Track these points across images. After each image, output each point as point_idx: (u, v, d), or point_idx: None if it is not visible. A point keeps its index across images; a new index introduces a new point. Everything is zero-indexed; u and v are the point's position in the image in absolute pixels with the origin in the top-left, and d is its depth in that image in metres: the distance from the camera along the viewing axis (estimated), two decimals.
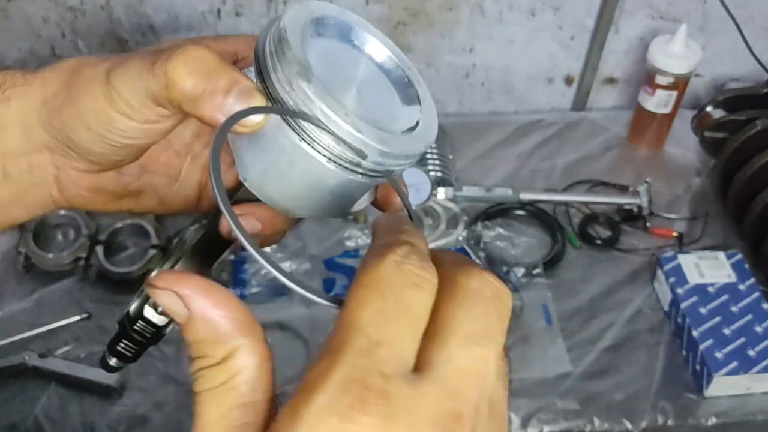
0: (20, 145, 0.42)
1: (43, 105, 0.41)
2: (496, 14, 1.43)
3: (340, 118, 0.35)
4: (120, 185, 0.45)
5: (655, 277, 1.24)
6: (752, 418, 1.11)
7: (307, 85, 0.35)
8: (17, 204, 0.44)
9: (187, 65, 0.37)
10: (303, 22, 0.38)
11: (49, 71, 0.42)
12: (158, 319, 0.46)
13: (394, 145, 0.37)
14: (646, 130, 1.46)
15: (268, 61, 0.37)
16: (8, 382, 1.09)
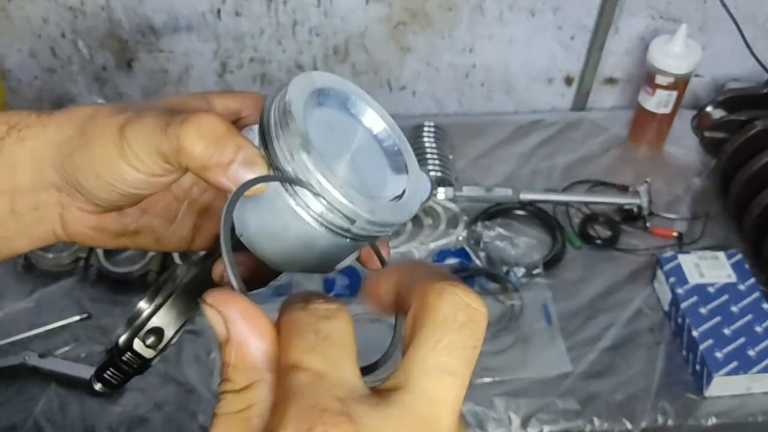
0: (30, 183, 0.44)
1: (56, 148, 0.43)
2: (496, 14, 1.43)
3: (335, 189, 0.39)
4: (120, 225, 0.48)
5: (655, 277, 1.24)
6: (752, 418, 1.11)
7: (307, 157, 0.39)
8: (22, 237, 0.47)
9: (199, 132, 0.39)
10: (307, 92, 0.42)
11: (64, 115, 0.44)
12: (147, 352, 0.47)
13: (381, 215, 0.40)
14: (646, 130, 1.46)
15: (272, 131, 0.40)
16: (8, 382, 1.09)
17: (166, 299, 0.47)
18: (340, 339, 0.29)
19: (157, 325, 0.47)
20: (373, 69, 1.49)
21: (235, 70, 1.47)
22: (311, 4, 1.38)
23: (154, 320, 0.47)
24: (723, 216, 1.36)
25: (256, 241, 0.42)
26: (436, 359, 0.29)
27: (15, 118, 0.44)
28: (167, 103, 0.44)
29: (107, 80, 1.47)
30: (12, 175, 0.44)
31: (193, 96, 0.46)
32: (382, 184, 0.44)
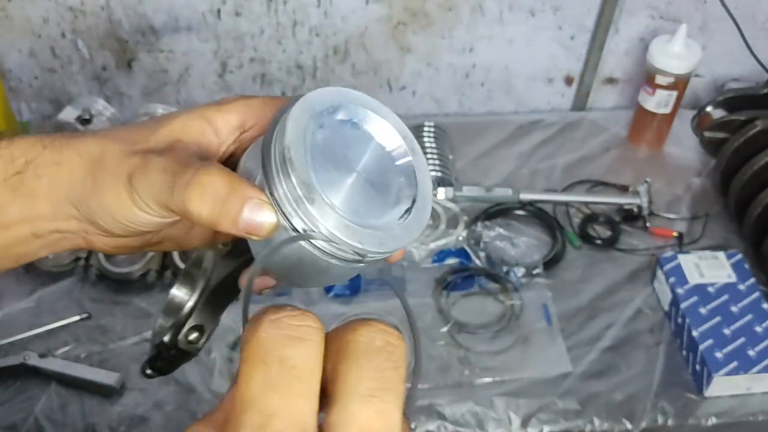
0: (50, 213, 0.46)
1: (70, 187, 0.45)
2: (496, 14, 1.43)
3: (342, 235, 0.40)
4: (143, 241, 0.50)
5: (655, 277, 1.24)
6: (752, 418, 1.11)
7: (311, 208, 0.39)
8: (44, 249, 0.49)
9: (202, 197, 0.41)
10: (306, 122, 0.41)
11: (73, 153, 0.46)
12: (190, 348, 0.51)
13: (390, 244, 0.42)
14: (646, 130, 1.46)
15: (274, 177, 0.40)
16: (8, 382, 1.09)
17: (200, 296, 0.50)
18: (306, 370, 0.29)
19: (198, 323, 0.50)
20: (373, 69, 1.49)
21: (235, 70, 1.47)
22: (311, 4, 1.38)
23: (194, 318, 0.50)
24: (723, 216, 1.36)
25: (275, 270, 0.44)
26: (360, 387, 0.29)
27: (31, 151, 0.46)
28: (169, 130, 0.45)
29: (107, 80, 1.47)
30: (32, 206, 0.46)
31: (194, 116, 0.46)
32: (391, 201, 0.44)
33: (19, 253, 0.49)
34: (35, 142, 0.46)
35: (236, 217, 0.40)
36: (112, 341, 1.14)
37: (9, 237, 0.47)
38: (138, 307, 1.18)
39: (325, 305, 1.19)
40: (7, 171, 0.46)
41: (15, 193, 0.46)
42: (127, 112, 1.44)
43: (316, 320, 0.30)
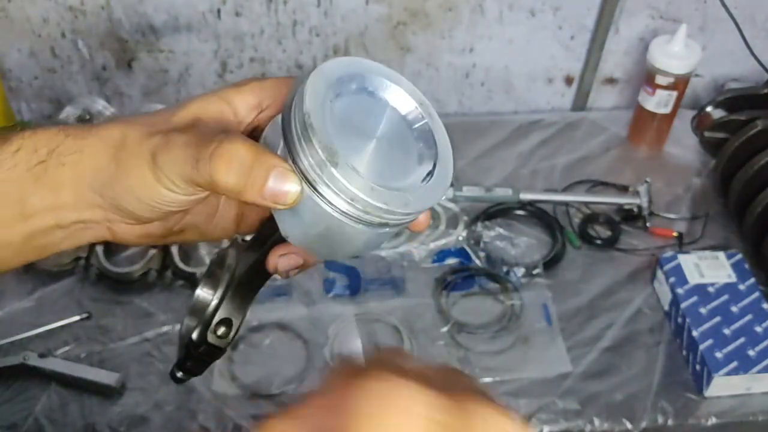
0: (73, 203, 0.47)
1: (93, 174, 0.46)
2: (496, 14, 1.43)
3: (367, 196, 0.40)
4: (166, 229, 0.50)
5: (655, 277, 1.24)
6: (752, 418, 1.11)
7: (335, 171, 0.40)
8: (68, 241, 0.49)
9: (229, 167, 0.41)
10: (324, 90, 0.42)
11: (96, 139, 0.46)
12: (220, 343, 0.51)
13: (415, 205, 0.42)
14: (646, 130, 1.46)
15: (296, 145, 0.41)
16: (8, 382, 1.09)
17: (226, 289, 0.50)
18: None
19: (226, 316, 0.50)
20: None
21: (235, 70, 1.47)
22: (311, 4, 1.38)
23: (221, 312, 0.50)
24: (723, 216, 1.36)
25: (302, 242, 0.45)
26: None
27: (53, 140, 0.46)
28: (188, 112, 0.46)
29: (107, 80, 1.47)
30: (56, 196, 0.46)
31: (212, 98, 0.47)
32: (413, 164, 0.45)
33: (42, 244, 0.48)
34: (58, 132, 0.47)
35: (262, 186, 0.41)
36: (112, 341, 1.14)
37: (32, 227, 0.47)
38: (138, 307, 1.18)
39: (324, 305, 1.19)
40: (30, 161, 0.46)
41: (38, 182, 0.46)
42: (127, 112, 1.44)
43: None
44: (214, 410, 1.07)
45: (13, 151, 0.46)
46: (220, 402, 1.08)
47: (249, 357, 1.13)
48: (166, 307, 1.18)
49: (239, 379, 1.10)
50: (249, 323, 1.14)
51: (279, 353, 1.14)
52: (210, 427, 1.06)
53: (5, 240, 0.48)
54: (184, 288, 1.21)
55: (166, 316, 1.17)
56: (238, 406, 1.08)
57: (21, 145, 0.46)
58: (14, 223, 0.47)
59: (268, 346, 1.14)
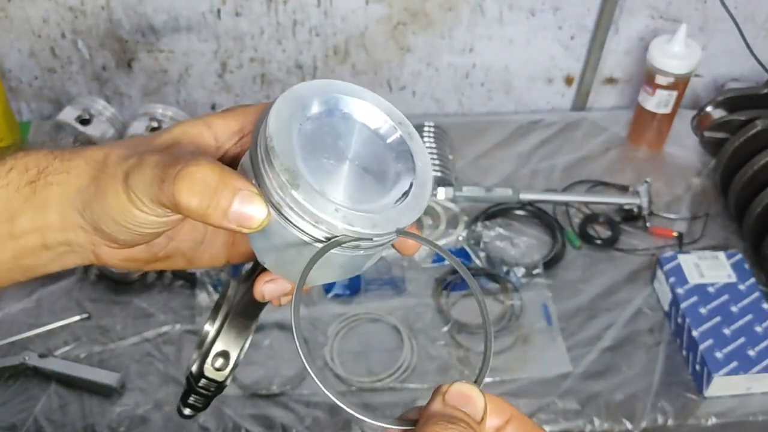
0: (58, 224, 0.47)
1: (76, 194, 0.46)
2: (496, 14, 1.43)
3: (332, 219, 0.40)
4: (150, 254, 0.50)
5: (655, 277, 1.24)
6: (752, 418, 1.11)
7: (296, 193, 0.39)
8: (55, 263, 0.50)
9: (192, 188, 0.41)
10: (290, 114, 0.42)
11: (81, 160, 0.47)
12: (218, 376, 0.51)
13: (384, 226, 0.41)
14: (646, 130, 1.46)
15: (261, 168, 0.41)
16: (8, 382, 1.09)
17: (223, 322, 0.51)
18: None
19: (222, 349, 0.50)
20: (373, 69, 1.49)
21: (235, 70, 1.47)
22: (311, 4, 1.38)
23: (218, 345, 0.50)
24: (723, 216, 1.36)
25: (277, 268, 0.45)
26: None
27: (43, 161, 0.47)
28: (170, 135, 0.46)
29: (107, 80, 1.47)
30: (42, 216, 0.47)
31: (195, 122, 0.47)
32: (388, 185, 0.44)
33: (29, 265, 0.49)
34: (47, 154, 0.47)
35: (226, 209, 0.41)
36: (112, 341, 1.14)
37: (20, 247, 0.48)
38: (138, 307, 1.18)
39: (324, 305, 1.20)
40: (20, 180, 0.47)
41: (27, 202, 0.47)
42: (127, 112, 1.44)
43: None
44: (214, 410, 1.07)
45: (6, 170, 0.47)
46: (220, 402, 1.08)
47: (249, 357, 1.13)
48: (166, 307, 1.18)
49: (239, 379, 1.10)
50: None
51: (279, 353, 1.14)
52: (210, 427, 1.06)
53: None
54: (184, 288, 1.21)
55: (166, 316, 1.17)
56: (238, 406, 1.08)
57: (13, 165, 0.47)
58: (4, 241, 0.47)
59: (268, 346, 1.14)
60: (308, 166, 0.41)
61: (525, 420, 0.42)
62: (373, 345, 1.16)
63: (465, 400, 0.39)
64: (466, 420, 0.38)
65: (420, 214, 0.44)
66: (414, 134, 0.45)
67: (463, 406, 0.39)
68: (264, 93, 1.50)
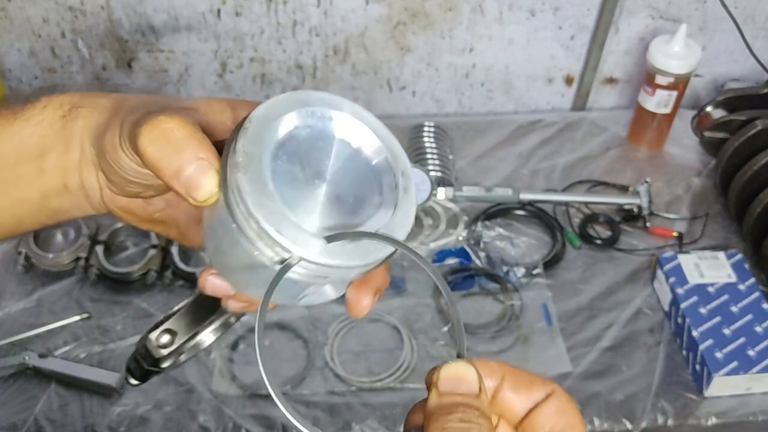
0: (77, 160, 0.48)
1: (96, 128, 0.47)
2: (496, 14, 1.43)
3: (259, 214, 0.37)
4: (146, 213, 0.50)
5: (655, 277, 1.24)
6: (752, 418, 1.11)
7: (241, 177, 0.37)
8: (76, 209, 0.51)
9: (151, 135, 0.40)
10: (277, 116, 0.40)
11: (108, 100, 0.48)
12: (156, 351, 0.51)
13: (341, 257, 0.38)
14: (646, 130, 1.46)
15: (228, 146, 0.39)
16: (8, 382, 1.09)
17: (182, 306, 0.51)
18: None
19: (170, 327, 0.51)
20: (373, 69, 1.49)
21: (235, 70, 1.47)
22: (311, 4, 1.38)
23: (169, 322, 0.51)
24: (723, 216, 1.36)
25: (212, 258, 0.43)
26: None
27: (76, 97, 0.49)
28: (194, 101, 0.45)
29: (107, 80, 1.47)
30: (66, 152, 0.48)
31: (222, 101, 0.46)
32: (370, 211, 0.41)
33: (54, 207, 0.50)
34: (83, 92, 0.49)
35: (180, 170, 0.40)
36: (112, 341, 1.14)
37: (46, 186, 0.49)
38: (138, 307, 1.18)
39: (324, 305, 1.19)
40: (54, 115, 0.48)
41: (57, 138, 0.48)
42: None
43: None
44: (214, 410, 1.07)
45: (42, 107, 0.48)
46: (220, 402, 1.08)
47: (249, 357, 1.13)
48: (166, 307, 1.18)
49: (239, 379, 1.10)
50: (249, 324, 1.14)
51: (279, 353, 1.14)
52: (210, 427, 1.06)
53: (24, 196, 0.49)
54: (184, 288, 1.21)
55: None
56: (238, 406, 1.08)
57: (48, 102, 0.49)
58: (33, 179, 0.48)
59: (268, 346, 1.14)
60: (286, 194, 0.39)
61: (518, 373, 0.41)
62: (373, 345, 1.16)
63: (457, 381, 0.39)
64: (464, 402, 0.38)
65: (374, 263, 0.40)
66: (400, 156, 0.43)
67: (458, 389, 0.38)
68: (264, 93, 1.50)
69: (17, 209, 0.50)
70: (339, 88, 1.51)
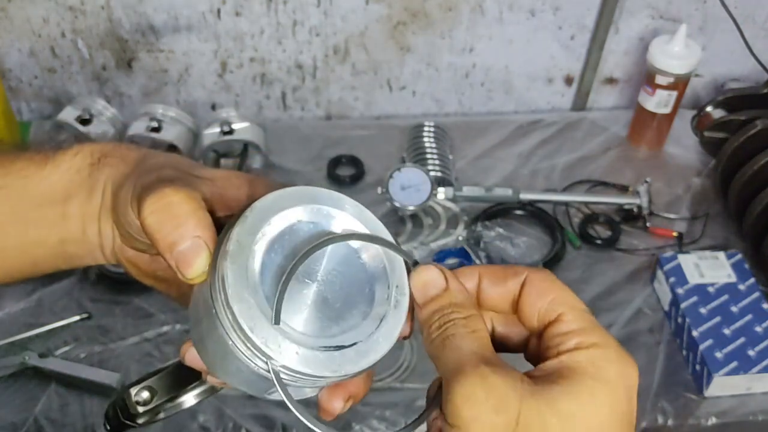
0: (98, 207, 0.49)
1: (120, 177, 0.48)
2: (496, 14, 1.43)
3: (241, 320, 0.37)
4: (150, 269, 0.51)
5: (655, 277, 1.24)
6: (752, 418, 1.11)
7: (227, 265, 0.38)
8: (89, 256, 0.51)
9: (155, 205, 0.41)
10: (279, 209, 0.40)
11: (136, 153, 0.49)
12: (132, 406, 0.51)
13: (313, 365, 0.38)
14: (646, 130, 1.46)
15: (225, 232, 0.40)
16: (8, 382, 1.09)
17: (168, 367, 0.51)
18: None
19: (152, 385, 0.50)
20: (373, 69, 1.49)
21: (235, 70, 1.47)
22: (311, 4, 1.38)
23: (150, 381, 0.50)
24: (723, 216, 1.36)
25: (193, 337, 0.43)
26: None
27: (107, 147, 0.50)
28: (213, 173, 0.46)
29: (107, 80, 1.47)
30: (89, 199, 0.49)
31: (240, 175, 0.47)
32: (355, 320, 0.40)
33: (71, 253, 0.51)
34: (116, 143, 0.50)
35: (174, 244, 0.41)
36: (112, 341, 1.14)
37: (67, 232, 0.50)
38: (138, 307, 1.18)
39: None
40: (83, 163, 0.49)
41: (82, 184, 0.49)
42: (127, 112, 1.44)
43: None
44: (214, 410, 1.07)
45: (73, 153, 0.50)
46: (220, 402, 1.08)
47: None
48: (166, 307, 1.18)
49: None
50: None
51: None
52: (210, 427, 1.06)
53: (43, 239, 0.50)
54: None
55: (166, 316, 1.17)
56: (238, 406, 1.08)
57: (80, 149, 0.50)
58: (55, 223, 0.49)
59: None
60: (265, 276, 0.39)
61: (493, 269, 0.43)
62: None
63: (425, 286, 0.41)
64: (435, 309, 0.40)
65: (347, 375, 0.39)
66: (397, 266, 0.42)
67: (429, 292, 0.41)
68: (264, 93, 1.50)
69: (35, 251, 0.51)
70: (339, 88, 1.51)
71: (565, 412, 0.36)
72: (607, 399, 0.39)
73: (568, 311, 0.41)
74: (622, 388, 0.42)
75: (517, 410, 0.36)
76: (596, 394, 0.39)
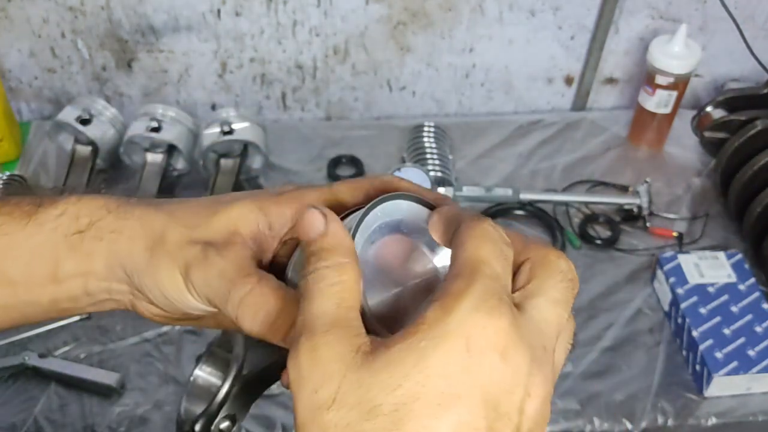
0: (103, 273, 0.47)
1: (127, 257, 0.46)
2: (496, 14, 1.43)
3: None
4: (184, 315, 0.50)
5: (655, 277, 1.24)
6: (752, 418, 1.11)
7: None
8: (92, 307, 0.50)
9: (255, 317, 0.42)
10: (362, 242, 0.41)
11: (137, 225, 0.47)
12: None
13: None
14: (646, 130, 1.46)
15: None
16: (8, 382, 1.09)
17: (233, 384, 0.49)
18: (509, 262, 0.38)
19: (231, 412, 0.49)
20: (373, 69, 1.49)
21: (235, 70, 1.47)
22: (311, 4, 1.38)
23: (228, 408, 0.49)
24: (723, 216, 1.36)
25: None
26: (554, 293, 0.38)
27: (96, 214, 0.47)
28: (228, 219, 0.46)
29: (107, 80, 1.47)
30: (88, 263, 0.47)
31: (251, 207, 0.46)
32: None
33: (66, 307, 0.49)
34: (101, 206, 0.47)
35: (284, 335, 0.41)
36: (112, 341, 1.14)
37: (61, 292, 0.48)
38: None
39: None
40: (70, 227, 0.47)
41: (73, 250, 0.47)
42: (127, 112, 1.44)
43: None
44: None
45: (57, 214, 0.47)
46: None
47: None
48: None
49: None
50: None
51: None
52: None
53: (34, 299, 0.48)
54: None
55: None
56: None
57: (65, 210, 0.48)
58: (45, 284, 0.48)
59: None
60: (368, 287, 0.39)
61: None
62: None
63: (304, 228, 0.39)
64: (312, 247, 0.38)
65: None
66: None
67: (311, 234, 0.39)
68: (264, 93, 1.51)
69: (25, 309, 0.50)
70: (339, 89, 1.51)
71: (386, 383, 0.33)
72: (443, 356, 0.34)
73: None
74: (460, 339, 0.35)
75: (337, 386, 0.34)
76: (427, 353, 0.34)
